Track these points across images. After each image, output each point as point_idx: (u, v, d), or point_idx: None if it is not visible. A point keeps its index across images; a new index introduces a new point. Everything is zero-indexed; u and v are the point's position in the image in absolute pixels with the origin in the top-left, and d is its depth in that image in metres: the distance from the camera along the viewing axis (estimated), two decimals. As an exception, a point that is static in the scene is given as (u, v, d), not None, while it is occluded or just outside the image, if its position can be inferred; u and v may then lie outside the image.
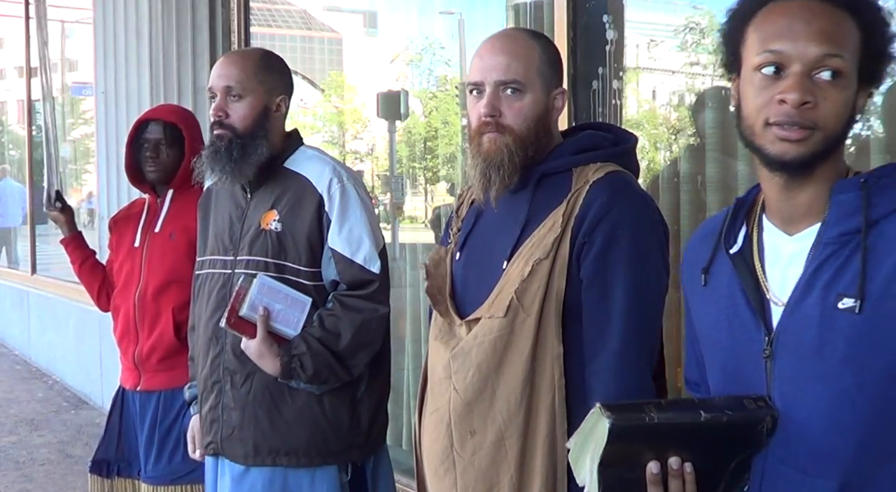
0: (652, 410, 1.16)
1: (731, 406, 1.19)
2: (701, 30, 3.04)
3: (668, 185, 2.89)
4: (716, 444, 1.20)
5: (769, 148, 1.18)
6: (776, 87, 1.16)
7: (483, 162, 1.64)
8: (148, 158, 2.77)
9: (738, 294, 1.27)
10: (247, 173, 2.17)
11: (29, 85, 8.38)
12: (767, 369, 1.22)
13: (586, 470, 1.20)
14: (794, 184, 1.21)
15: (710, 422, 1.16)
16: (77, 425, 5.86)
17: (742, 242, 1.30)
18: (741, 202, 1.34)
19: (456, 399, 1.64)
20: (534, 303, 1.58)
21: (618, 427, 1.14)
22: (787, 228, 1.25)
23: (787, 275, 1.23)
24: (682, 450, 1.19)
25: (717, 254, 1.33)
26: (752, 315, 1.24)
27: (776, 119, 1.16)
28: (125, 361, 2.86)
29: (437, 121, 5.32)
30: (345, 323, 2.11)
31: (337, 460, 2.19)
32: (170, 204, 2.81)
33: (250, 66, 2.19)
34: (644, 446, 1.19)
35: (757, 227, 1.29)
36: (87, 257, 3.10)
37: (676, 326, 2.79)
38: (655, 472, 1.18)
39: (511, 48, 1.66)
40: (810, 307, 1.18)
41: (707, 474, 1.21)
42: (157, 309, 2.76)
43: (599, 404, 1.17)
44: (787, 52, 1.15)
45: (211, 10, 4.86)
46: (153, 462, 2.75)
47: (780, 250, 1.25)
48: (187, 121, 2.82)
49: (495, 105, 1.63)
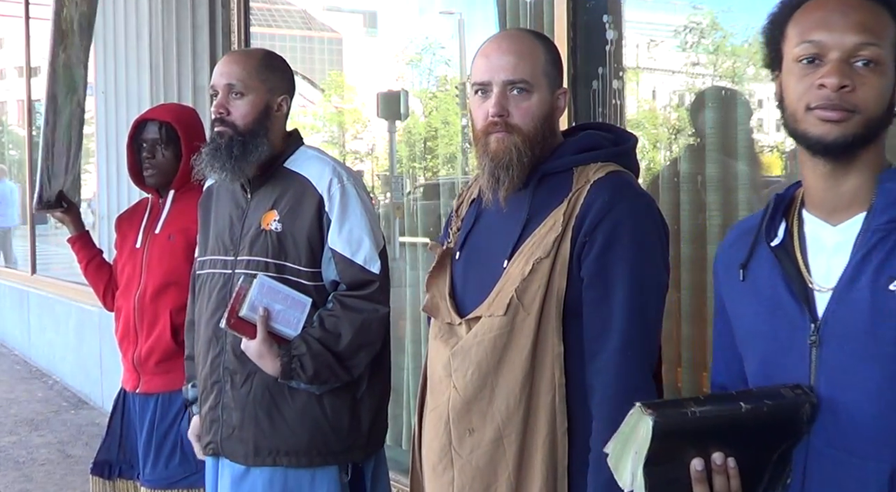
0: (692, 404, 1.17)
1: (770, 395, 1.20)
2: (701, 30, 3.04)
3: (668, 185, 2.89)
4: (757, 435, 1.20)
5: (811, 130, 1.22)
6: (816, 74, 1.21)
7: (491, 162, 1.64)
8: (145, 159, 2.76)
9: (781, 284, 1.29)
10: (246, 171, 2.17)
11: (29, 85, 8.38)
12: (812, 357, 1.24)
13: (628, 473, 1.19)
14: (838, 171, 1.24)
15: (751, 413, 1.17)
16: (77, 425, 5.86)
17: (783, 235, 1.33)
18: (780, 198, 1.37)
19: (455, 397, 1.64)
20: (534, 302, 1.58)
21: (661, 424, 1.14)
22: (831, 218, 1.28)
23: (831, 264, 1.25)
24: (725, 445, 1.19)
25: (755, 249, 1.35)
26: (797, 304, 1.26)
27: (817, 103, 1.20)
28: (125, 362, 2.86)
29: (437, 121, 5.32)
30: (345, 323, 2.11)
31: (337, 460, 2.19)
32: (171, 205, 2.81)
33: (253, 65, 2.20)
34: (687, 443, 1.19)
35: (797, 220, 1.33)
36: (94, 257, 3.09)
37: (676, 327, 2.80)
38: (700, 469, 1.19)
39: (518, 48, 1.66)
40: (860, 292, 1.20)
41: (750, 468, 1.21)
42: (155, 311, 2.76)
43: (639, 404, 1.17)
44: (824, 42, 1.21)
45: (211, 10, 4.86)
46: (150, 466, 2.74)
47: (823, 240, 1.28)
48: (183, 120, 2.80)
49: (504, 105, 1.63)
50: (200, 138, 2.80)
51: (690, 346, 2.79)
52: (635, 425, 1.17)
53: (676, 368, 2.82)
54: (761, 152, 2.87)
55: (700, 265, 2.75)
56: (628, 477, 1.19)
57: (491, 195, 1.67)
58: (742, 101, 2.79)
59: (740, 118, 2.73)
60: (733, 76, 2.98)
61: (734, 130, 2.72)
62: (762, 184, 2.84)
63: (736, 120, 2.73)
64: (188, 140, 2.74)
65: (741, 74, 2.93)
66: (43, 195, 3.04)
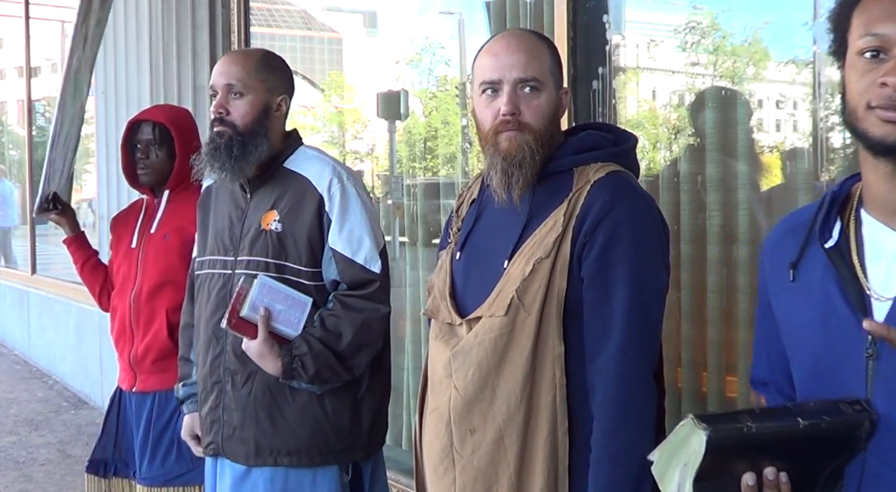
0: (747, 419, 1.11)
1: (829, 411, 1.14)
2: (701, 30, 3.04)
3: (668, 185, 2.89)
4: (812, 451, 1.16)
5: (872, 131, 1.14)
6: (878, 70, 1.13)
7: (504, 161, 1.63)
8: (139, 159, 2.78)
9: (835, 290, 1.21)
10: (246, 171, 2.17)
11: (29, 85, 8.37)
12: (869, 369, 1.17)
13: (675, 484, 1.15)
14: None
15: (809, 429, 1.12)
16: (77, 425, 5.86)
17: (838, 236, 1.24)
18: (836, 195, 1.27)
19: (456, 398, 1.64)
20: (535, 302, 1.58)
21: (715, 439, 1.09)
22: (891, 221, 1.20)
23: (891, 270, 1.18)
24: (778, 458, 1.15)
25: (807, 248, 1.27)
26: (853, 313, 1.18)
27: (878, 102, 1.13)
28: (121, 362, 2.87)
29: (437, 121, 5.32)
30: (346, 323, 2.11)
31: (338, 459, 2.19)
32: (166, 205, 2.82)
33: (252, 65, 2.20)
34: (739, 457, 1.14)
35: (854, 220, 1.24)
36: (89, 258, 3.10)
37: (676, 327, 2.80)
38: (752, 484, 1.14)
39: (527, 47, 1.66)
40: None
41: (801, 481, 1.17)
42: (151, 310, 2.76)
43: (692, 416, 1.12)
44: (889, 35, 1.13)
45: (211, 10, 4.86)
46: (147, 464, 2.75)
47: (883, 245, 1.20)
48: (176, 120, 2.81)
49: (516, 103, 1.63)
50: (194, 139, 2.82)
51: (690, 346, 2.80)
52: (686, 437, 1.13)
53: (676, 368, 2.82)
54: (761, 152, 2.87)
55: (700, 265, 2.75)
56: (674, 488, 1.15)
57: (504, 194, 1.66)
58: (742, 101, 2.79)
59: (740, 118, 2.73)
60: (733, 76, 2.98)
61: (734, 129, 2.72)
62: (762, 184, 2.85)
63: (736, 120, 2.73)
64: (182, 140, 2.76)
65: (741, 74, 2.93)
66: (44, 199, 3.05)
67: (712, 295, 2.71)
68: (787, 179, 2.83)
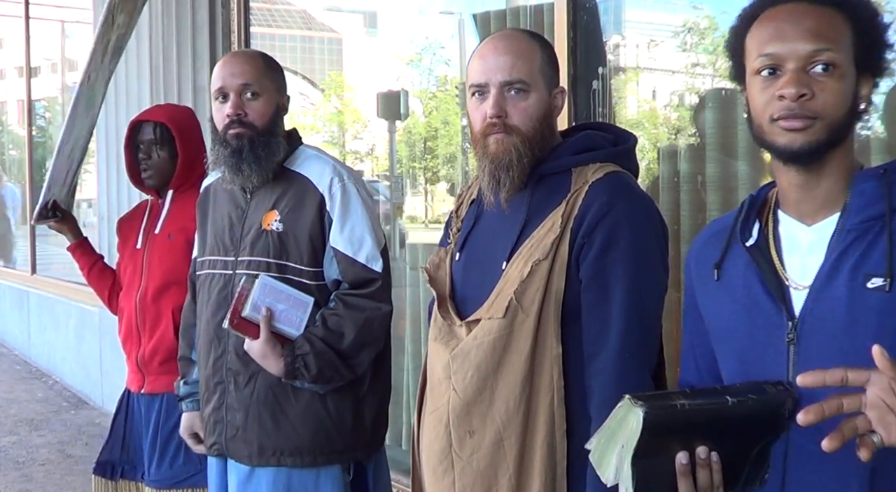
0: (680, 397, 1.18)
1: (754, 390, 1.21)
2: (701, 30, 3.04)
3: (668, 185, 2.89)
4: (740, 430, 1.21)
5: (779, 141, 1.24)
6: (775, 86, 1.24)
7: (491, 164, 1.63)
8: (141, 160, 2.78)
9: (756, 284, 1.31)
10: (270, 172, 2.17)
11: (29, 85, 8.38)
12: (790, 354, 1.26)
13: (613, 467, 1.20)
14: (810, 176, 1.27)
15: (737, 406, 1.18)
16: (77, 425, 5.86)
17: (758, 235, 1.34)
18: (754, 199, 1.39)
19: (455, 400, 1.64)
20: (533, 304, 1.58)
21: (651, 415, 1.14)
22: (805, 218, 1.30)
23: (807, 263, 1.28)
24: (709, 438, 1.21)
25: (729, 249, 1.37)
26: (773, 302, 1.28)
27: (779, 114, 1.23)
28: (129, 363, 2.86)
29: (437, 121, 5.33)
30: (348, 322, 2.11)
31: (341, 459, 2.19)
32: (170, 204, 2.82)
33: (261, 66, 2.21)
34: (673, 436, 1.20)
35: (772, 220, 1.35)
36: (95, 262, 3.10)
37: (676, 327, 2.79)
38: (685, 462, 1.20)
39: (514, 48, 1.66)
40: (837, 289, 1.22)
41: (731, 462, 1.23)
42: (157, 311, 2.76)
43: (628, 396, 1.18)
44: (779, 53, 1.24)
45: (211, 10, 4.86)
46: (155, 466, 2.75)
47: (798, 240, 1.30)
48: (177, 120, 2.81)
49: (502, 105, 1.63)
50: (196, 138, 2.82)
51: (690, 346, 2.79)
52: (623, 418, 1.18)
53: (676, 368, 2.82)
54: (761, 152, 2.87)
55: (700, 265, 2.75)
56: (612, 471, 1.20)
57: (492, 197, 1.67)
58: (742, 101, 2.79)
59: (740, 118, 2.73)
60: (733, 76, 2.98)
61: (734, 130, 2.73)
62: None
63: (736, 120, 2.73)
64: (183, 140, 2.76)
65: (741, 74, 2.92)
66: (44, 207, 3.05)
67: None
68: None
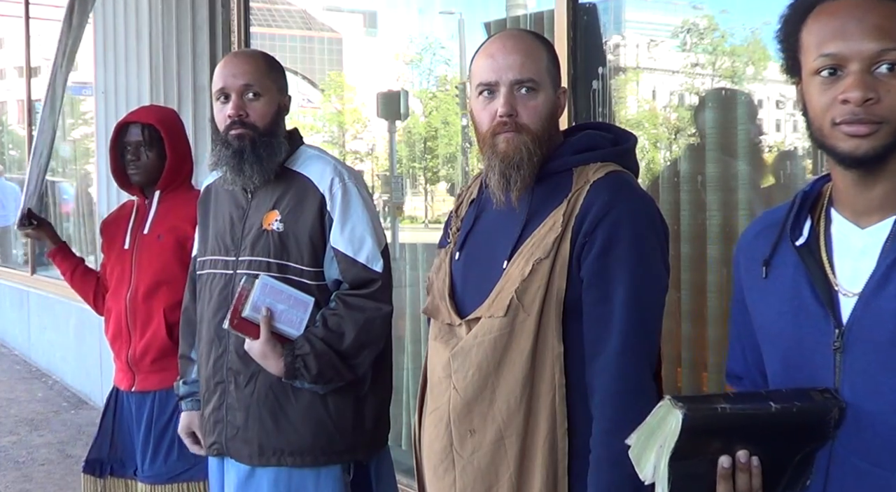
0: (721, 401, 1.16)
1: (800, 397, 1.18)
2: (701, 30, 3.04)
3: (668, 185, 2.90)
4: (783, 436, 1.19)
5: (841, 146, 1.18)
6: (837, 87, 1.17)
7: (502, 163, 1.63)
8: (129, 161, 2.78)
9: (805, 286, 1.26)
10: (271, 172, 2.17)
11: (29, 85, 8.37)
12: (836, 362, 1.21)
13: (651, 465, 1.19)
14: (868, 178, 1.21)
15: (780, 413, 1.16)
16: (77, 425, 5.86)
17: (808, 234, 1.29)
18: (806, 195, 1.32)
19: (456, 398, 1.64)
20: (534, 302, 1.58)
21: (691, 418, 1.13)
22: (859, 220, 1.24)
23: (858, 267, 1.22)
24: (750, 443, 1.18)
25: (779, 246, 1.32)
26: (821, 307, 1.23)
27: (842, 118, 1.16)
28: (118, 362, 2.88)
29: (437, 121, 5.32)
30: (348, 322, 2.11)
31: (341, 459, 2.19)
32: (157, 205, 2.82)
33: (263, 66, 2.20)
34: (713, 439, 1.18)
35: (824, 219, 1.29)
36: (77, 266, 3.11)
37: (676, 327, 2.80)
38: (727, 466, 1.18)
39: (523, 47, 1.66)
40: (888, 300, 1.16)
41: (772, 467, 1.21)
42: (148, 310, 2.77)
43: (669, 397, 1.16)
44: (842, 53, 1.16)
45: (211, 10, 4.86)
46: (149, 462, 2.75)
47: (850, 242, 1.24)
48: (165, 121, 2.82)
49: (513, 104, 1.63)
50: (182, 139, 2.84)
51: (690, 346, 2.80)
52: (663, 418, 1.17)
53: (676, 368, 2.82)
54: (761, 152, 2.88)
55: (700, 265, 2.75)
56: (650, 469, 1.19)
57: (502, 196, 1.66)
58: (742, 101, 2.79)
59: (740, 118, 2.73)
60: (733, 76, 2.98)
61: (734, 129, 2.73)
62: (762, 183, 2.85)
63: (736, 120, 2.73)
64: (171, 141, 2.77)
65: (741, 74, 2.93)
66: (20, 215, 3.06)
67: (712, 295, 2.71)
68: (786, 179, 2.83)
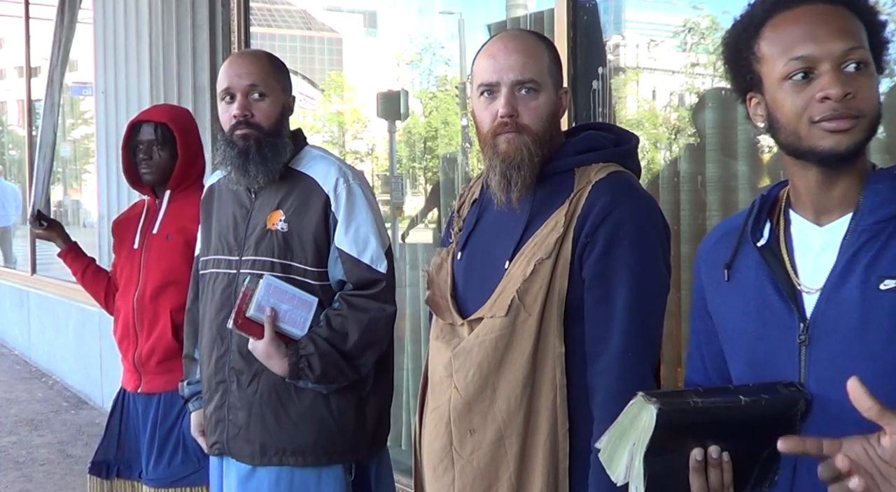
0: (692, 395, 1.18)
1: (766, 390, 1.21)
2: (701, 30, 3.05)
3: (668, 185, 2.90)
4: (752, 430, 1.21)
5: (821, 144, 1.20)
6: (812, 87, 1.20)
7: (503, 163, 1.63)
8: (141, 160, 2.78)
9: (768, 284, 1.30)
10: (276, 172, 2.17)
11: (29, 85, 8.37)
12: (802, 356, 1.25)
13: (624, 465, 1.20)
14: (831, 176, 1.25)
15: (750, 406, 1.18)
16: (77, 425, 5.86)
17: (769, 236, 1.33)
18: (765, 199, 1.37)
19: (456, 398, 1.64)
20: (535, 303, 1.58)
21: (664, 412, 1.14)
22: (818, 219, 1.28)
23: (818, 263, 1.26)
24: (720, 438, 1.20)
25: (740, 249, 1.35)
26: (785, 304, 1.27)
27: (822, 115, 1.19)
28: (126, 363, 2.87)
29: (437, 121, 5.33)
30: (352, 323, 2.11)
31: (343, 459, 2.19)
32: (167, 205, 2.82)
33: (267, 66, 2.20)
34: (685, 434, 1.20)
35: (783, 220, 1.33)
36: (88, 266, 3.10)
37: (676, 327, 2.80)
38: (699, 459, 1.20)
39: (525, 48, 1.66)
40: (850, 291, 1.21)
41: (741, 462, 1.23)
42: (155, 311, 2.76)
43: (642, 393, 1.18)
44: (813, 55, 1.20)
45: (211, 10, 4.86)
46: (153, 465, 2.75)
47: (810, 241, 1.29)
48: (178, 121, 2.82)
49: (514, 105, 1.63)
50: (195, 138, 2.83)
51: (690, 346, 2.79)
52: (636, 415, 1.18)
53: (676, 368, 2.82)
54: (761, 152, 2.88)
55: (700, 265, 2.75)
56: (622, 470, 1.20)
57: (503, 197, 1.66)
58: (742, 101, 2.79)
59: (740, 118, 2.73)
60: (733, 76, 2.98)
61: (734, 129, 2.73)
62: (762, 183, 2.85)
63: (736, 120, 2.74)
64: (184, 140, 2.76)
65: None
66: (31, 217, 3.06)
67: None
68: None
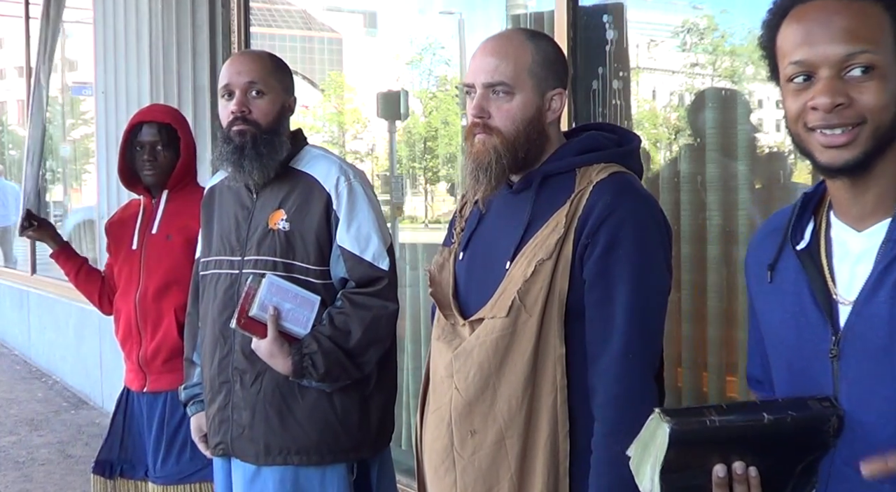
0: (712, 413, 1.14)
1: (795, 407, 1.16)
2: (701, 30, 3.05)
3: (668, 185, 2.90)
4: (781, 446, 1.17)
5: (818, 157, 1.15)
6: (808, 93, 1.14)
7: (472, 163, 1.65)
8: (145, 161, 2.76)
9: (805, 292, 1.23)
10: (272, 170, 2.17)
11: (29, 85, 8.37)
12: (834, 370, 1.18)
13: (647, 478, 1.17)
14: (857, 184, 1.17)
15: (774, 424, 1.14)
16: (77, 425, 5.86)
17: (809, 239, 1.26)
18: (808, 197, 1.29)
19: (457, 399, 1.64)
20: (536, 303, 1.58)
21: (678, 432, 1.12)
22: (856, 224, 1.20)
23: (855, 272, 1.19)
24: (747, 453, 1.16)
25: (783, 250, 1.29)
26: (820, 314, 1.21)
27: (815, 123, 1.14)
28: (129, 363, 2.86)
29: (437, 121, 5.33)
30: (355, 321, 2.12)
31: (347, 458, 2.19)
32: (165, 205, 2.82)
33: (269, 65, 2.21)
34: (707, 451, 1.16)
35: (825, 221, 1.25)
36: (81, 266, 3.08)
37: (676, 327, 2.80)
38: (722, 476, 1.15)
39: (502, 49, 1.65)
40: (878, 306, 1.14)
41: (773, 477, 1.18)
42: (158, 311, 2.76)
43: (658, 410, 1.15)
44: (809, 60, 1.13)
45: (211, 10, 4.86)
46: (161, 462, 2.75)
47: (848, 246, 1.21)
48: (181, 121, 2.83)
49: (483, 106, 1.63)
50: (192, 138, 2.83)
51: (690, 346, 2.80)
52: (654, 431, 1.15)
53: (676, 368, 2.83)
54: (761, 152, 2.88)
55: (700, 265, 2.75)
56: (648, 483, 1.18)
57: (471, 196, 1.69)
58: (742, 101, 2.79)
59: (740, 118, 2.73)
60: (733, 76, 2.99)
61: (734, 129, 2.73)
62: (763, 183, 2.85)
63: (736, 120, 2.74)
64: (187, 140, 2.77)
65: (741, 74, 2.93)
66: (21, 218, 3.05)
67: (712, 295, 2.71)
68: (786, 180, 2.84)
